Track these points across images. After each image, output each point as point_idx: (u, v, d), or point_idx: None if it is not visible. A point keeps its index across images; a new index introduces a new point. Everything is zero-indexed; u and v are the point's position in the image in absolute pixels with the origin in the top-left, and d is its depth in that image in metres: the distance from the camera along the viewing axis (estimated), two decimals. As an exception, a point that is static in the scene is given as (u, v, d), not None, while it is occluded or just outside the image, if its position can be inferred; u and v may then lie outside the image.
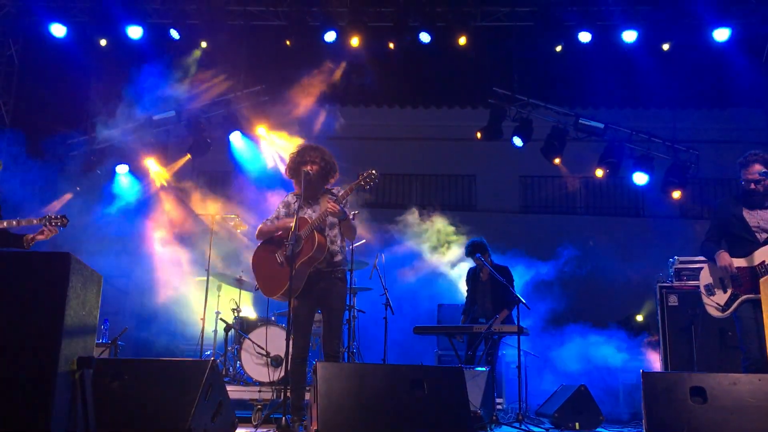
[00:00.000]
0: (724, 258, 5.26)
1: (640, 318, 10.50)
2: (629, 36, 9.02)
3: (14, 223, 5.32)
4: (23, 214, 5.45)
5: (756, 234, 5.24)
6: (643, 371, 4.32)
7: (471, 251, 7.92)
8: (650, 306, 10.06)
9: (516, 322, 6.93)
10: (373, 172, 5.30)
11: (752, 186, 5.28)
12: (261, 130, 10.30)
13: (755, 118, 11.02)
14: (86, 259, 3.36)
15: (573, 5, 9.12)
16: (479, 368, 6.71)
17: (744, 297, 5.16)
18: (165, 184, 10.53)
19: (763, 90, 9.38)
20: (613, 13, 8.97)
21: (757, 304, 4.86)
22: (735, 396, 4.08)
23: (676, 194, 10.13)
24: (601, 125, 10.08)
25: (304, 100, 10.30)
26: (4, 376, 2.90)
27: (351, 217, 5.59)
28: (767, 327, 4.32)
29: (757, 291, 4.97)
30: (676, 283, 7.10)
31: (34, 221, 5.35)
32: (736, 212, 5.36)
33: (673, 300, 6.98)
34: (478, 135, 10.43)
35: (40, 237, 5.40)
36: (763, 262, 5.12)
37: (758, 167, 5.29)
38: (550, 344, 8.76)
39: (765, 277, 4.70)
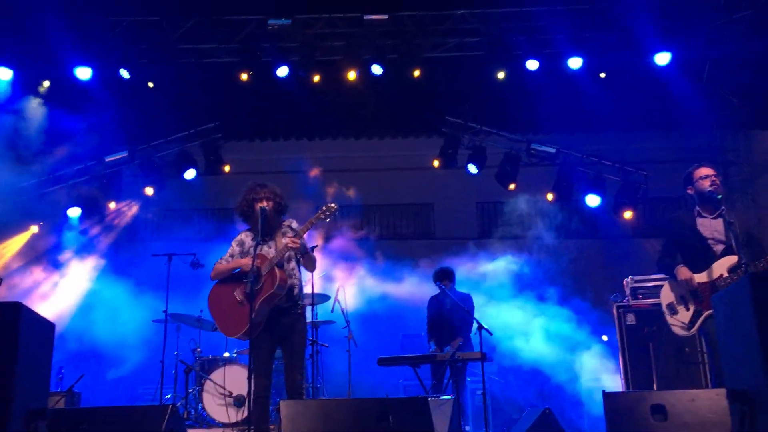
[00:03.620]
0: (683, 272, 5.13)
1: (605, 338, 10.59)
2: (575, 63, 9.24)
3: None
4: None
5: (712, 246, 5.11)
6: (604, 392, 4.36)
7: (435, 278, 8.05)
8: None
9: (479, 348, 6.95)
10: (332, 205, 5.33)
11: (710, 187, 5.13)
12: (215, 167, 10.24)
13: (699, 138, 11.38)
14: (37, 304, 3.28)
15: (519, 34, 9.32)
16: (444, 397, 6.71)
17: (707, 312, 4.98)
18: (119, 224, 10.37)
19: (704, 111, 9.69)
20: (559, 40, 9.19)
21: None
22: (695, 412, 4.13)
23: (628, 214, 10.35)
24: (552, 150, 10.30)
25: (258, 136, 10.32)
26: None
27: (311, 250, 5.59)
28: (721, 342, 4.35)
29: None
30: (632, 302, 7.23)
31: None
32: (690, 225, 5.23)
33: (630, 319, 7.10)
34: (436, 163, 10.55)
35: None
36: (722, 275, 4.99)
37: (707, 169, 5.22)
38: (513, 368, 8.77)
39: (717, 294, 4.39)
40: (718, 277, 5.04)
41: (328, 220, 5.39)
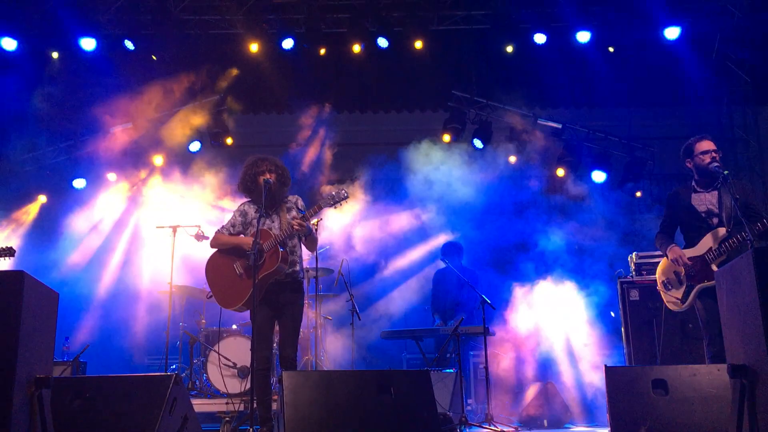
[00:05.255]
0: (674, 251, 5.28)
1: (613, 314, 10.57)
2: (583, 36, 9.13)
3: None
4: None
5: (707, 220, 5.19)
6: (606, 366, 4.38)
7: (442, 253, 8.16)
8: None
9: (482, 323, 6.98)
10: (343, 192, 5.31)
11: (710, 163, 5.11)
12: (219, 139, 10.20)
13: (707, 114, 11.25)
14: (45, 275, 3.29)
15: (527, 7, 9.21)
16: (447, 370, 6.76)
17: (698, 287, 5.16)
18: (127, 194, 10.36)
19: (712, 87, 9.59)
20: (567, 14, 9.07)
21: (712, 291, 4.79)
22: (695, 387, 4.14)
23: (638, 194, 10.32)
24: (559, 125, 10.22)
25: (263, 109, 10.27)
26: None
27: (315, 229, 5.60)
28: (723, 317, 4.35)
29: (710, 278, 5.02)
30: (636, 278, 7.22)
31: None
32: (685, 200, 5.31)
33: (634, 294, 7.09)
34: (446, 138, 10.37)
35: None
36: (711, 248, 5.12)
37: (708, 143, 5.21)
38: (517, 342, 8.77)
39: (721, 269, 4.39)
40: (707, 250, 5.16)
41: (336, 207, 5.37)
